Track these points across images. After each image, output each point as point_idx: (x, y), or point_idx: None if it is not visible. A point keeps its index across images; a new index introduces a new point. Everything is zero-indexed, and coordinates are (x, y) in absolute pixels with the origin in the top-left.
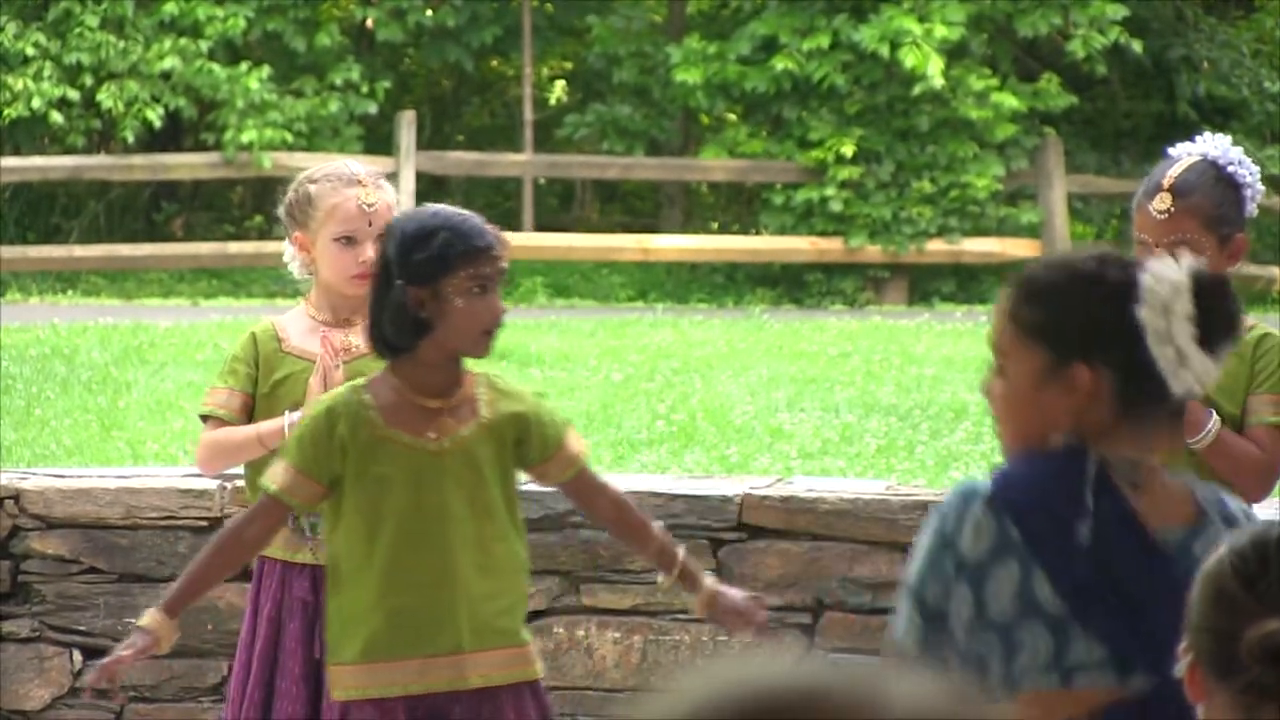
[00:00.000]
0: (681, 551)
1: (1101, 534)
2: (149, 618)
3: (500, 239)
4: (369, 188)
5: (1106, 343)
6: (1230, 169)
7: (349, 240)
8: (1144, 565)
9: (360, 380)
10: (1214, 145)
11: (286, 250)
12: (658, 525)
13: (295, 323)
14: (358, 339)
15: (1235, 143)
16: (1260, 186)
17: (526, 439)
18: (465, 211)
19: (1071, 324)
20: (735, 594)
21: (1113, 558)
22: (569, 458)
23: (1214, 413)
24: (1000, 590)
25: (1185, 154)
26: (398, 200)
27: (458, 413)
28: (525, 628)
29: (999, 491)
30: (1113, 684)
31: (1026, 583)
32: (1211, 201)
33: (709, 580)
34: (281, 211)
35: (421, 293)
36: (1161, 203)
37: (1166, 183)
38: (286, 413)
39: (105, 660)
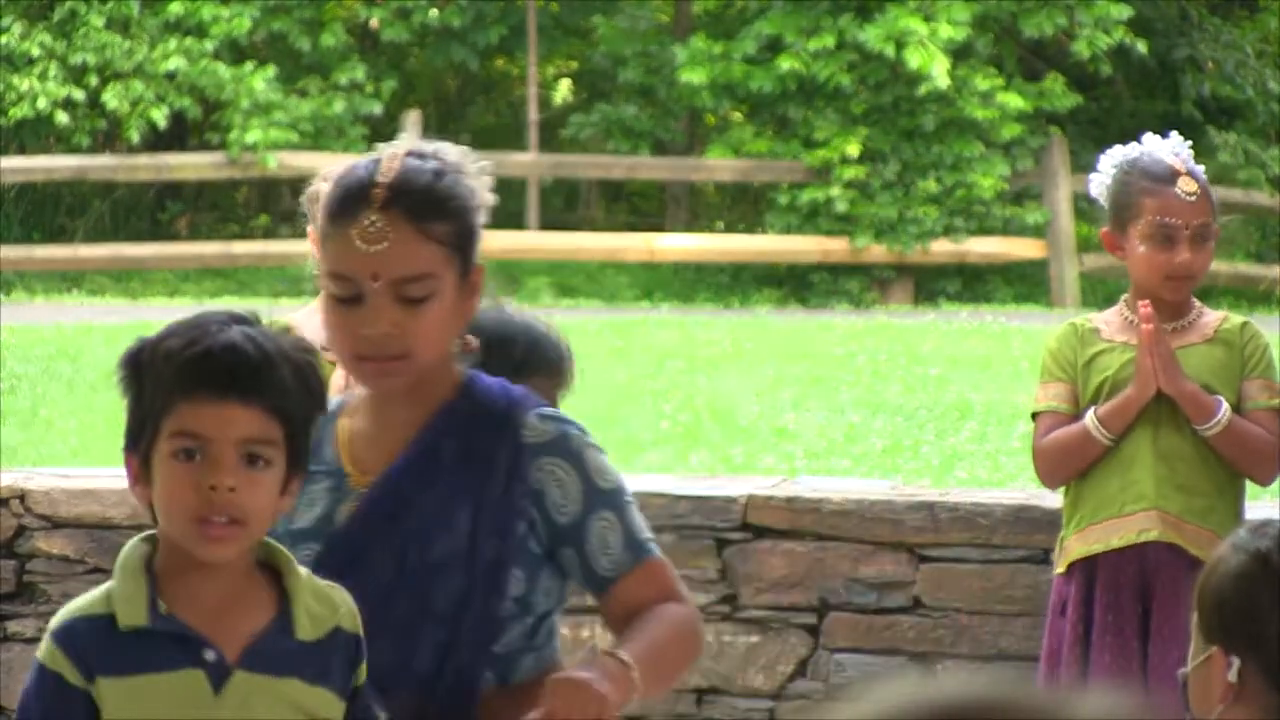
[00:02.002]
0: None
1: None
2: None
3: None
4: None
5: (477, 236)
6: (1197, 169)
7: None
8: None
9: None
10: (1170, 149)
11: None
12: None
13: (309, 321)
14: None
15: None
16: None
17: None
18: None
19: (472, 227)
20: None
21: None
22: None
23: (1223, 400)
24: None
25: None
26: None
27: None
28: None
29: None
30: None
31: None
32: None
33: None
34: (303, 201)
35: None
36: (1189, 184)
37: (1181, 168)
38: None
39: None
